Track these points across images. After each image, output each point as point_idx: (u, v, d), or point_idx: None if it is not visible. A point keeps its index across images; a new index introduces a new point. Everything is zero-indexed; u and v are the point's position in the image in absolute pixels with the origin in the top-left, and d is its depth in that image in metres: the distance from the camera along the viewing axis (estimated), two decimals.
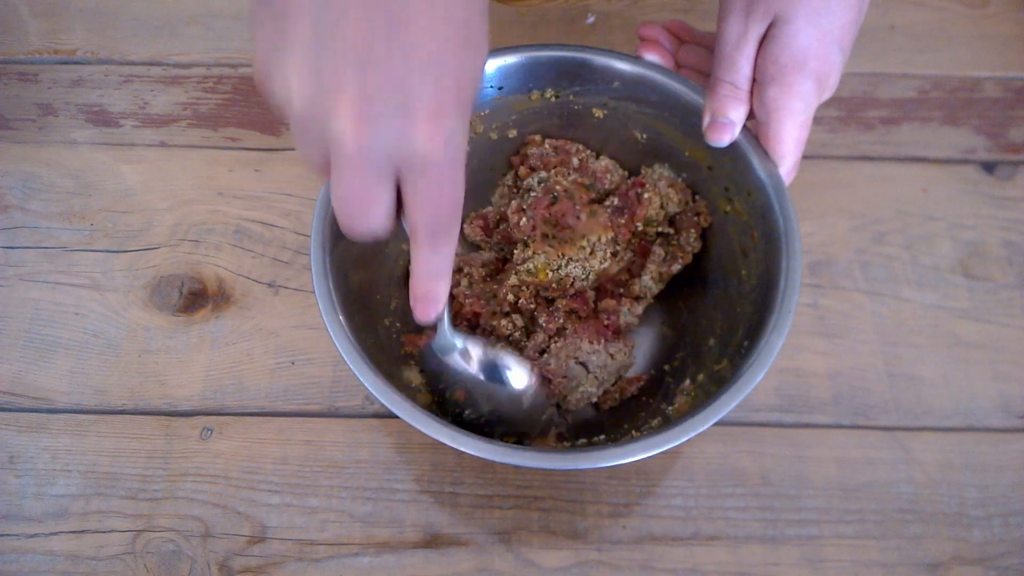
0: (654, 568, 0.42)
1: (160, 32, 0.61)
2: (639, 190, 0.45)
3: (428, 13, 0.24)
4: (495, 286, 0.46)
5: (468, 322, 0.46)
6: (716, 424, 0.35)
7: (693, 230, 0.46)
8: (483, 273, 0.47)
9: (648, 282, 0.46)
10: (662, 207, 0.46)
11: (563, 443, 0.44)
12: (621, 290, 0.46)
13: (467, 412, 0.40)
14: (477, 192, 0.50)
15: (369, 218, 0.27)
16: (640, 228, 0.46)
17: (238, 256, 0.52)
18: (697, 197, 0.46)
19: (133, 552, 0.42)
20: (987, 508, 0.44)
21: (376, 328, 0.43)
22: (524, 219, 0.44)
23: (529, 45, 0.45)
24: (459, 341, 0.39)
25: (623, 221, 0.45)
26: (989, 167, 0.55)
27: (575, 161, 0.47)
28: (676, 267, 0.46)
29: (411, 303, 0.32)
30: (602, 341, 0.44)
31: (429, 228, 0.28)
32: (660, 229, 0.47)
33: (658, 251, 0.46)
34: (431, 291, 0.31)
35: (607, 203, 0.46)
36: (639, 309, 0.46)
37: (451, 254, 0.30)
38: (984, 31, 0.61)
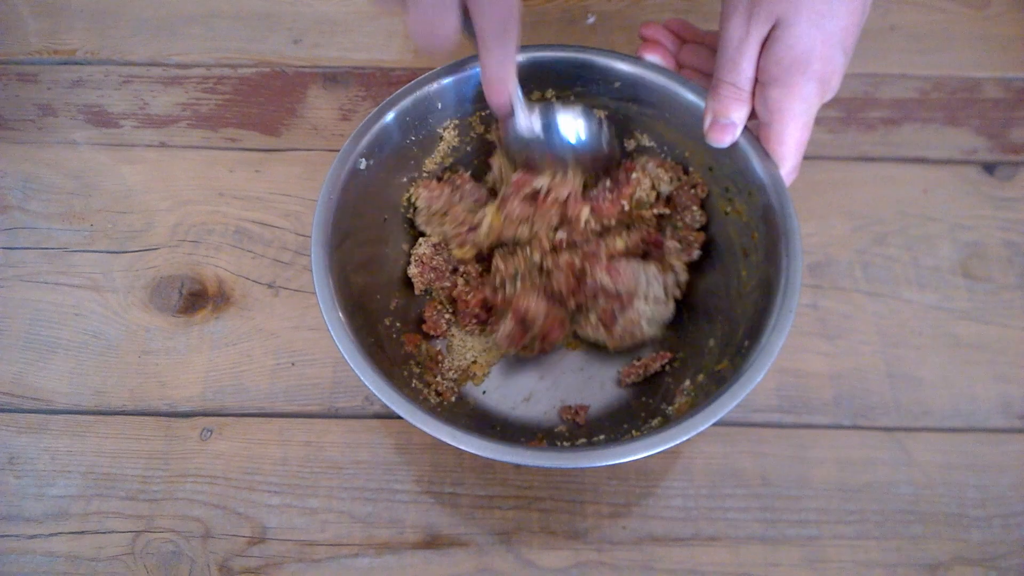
0: (654, 568, 0.42)
1: (160, 32, 0.61)
2: (629, 173, 0.46)
3: None
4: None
5: (476, 318, 0.47)
6: (716, 424, 0.35)
7: (694, 206, 0.46)
8: (479, 269, 0.48)
9: (676, 275, 0.46)
10: (653, 187, 0.46)
11: (563, 443, 0.44)
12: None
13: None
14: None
15: (443, 30, 0.34)
16: (631, 209, 0.46)
17: (238, 257, 0.52)
18: (691, 170, 0.46)
19: (133, 553, 0.42)
20: (987, 508, 0.44)
21: (376, 328, 0.43)
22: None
23: (530, 45, 0.45)
24: (535, 117, 0.43)
25: (611, 197, 0.45)
26: (990, 168, 0.55)
27: (553, 217, 0.45)
28: (696, 253, 0.46)
29: (485, 93, 0.39)
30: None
31: (494, 28, 0.35)
32: (657, 211, 0.46)
33: (671, 244, 0.46)
34: (501, 75, 0.38)
35: (599, 185, 0.46)
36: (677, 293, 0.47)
37: (515, 49, 0.37)
38: (985, 32, 0.61)
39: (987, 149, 0.56)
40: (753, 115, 0.41)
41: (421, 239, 0.48)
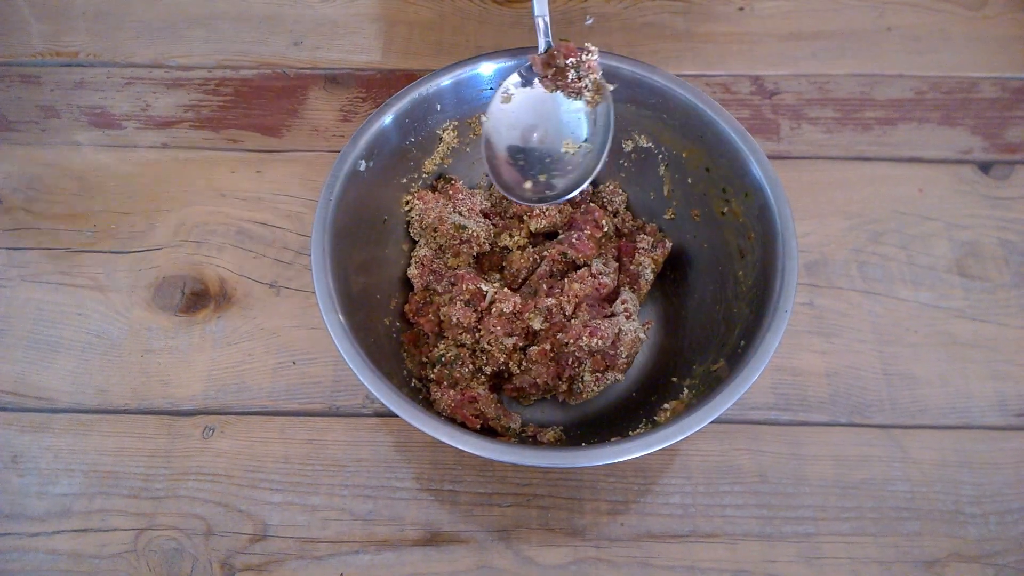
0: (652, 565, 0.43)
1: (162, 34, 0.61)
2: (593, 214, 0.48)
3: None
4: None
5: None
6: (714, 422, 0.36)
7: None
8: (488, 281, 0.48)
9: (648, 274, 0.47)
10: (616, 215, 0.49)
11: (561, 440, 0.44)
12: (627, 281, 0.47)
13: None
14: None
15: None
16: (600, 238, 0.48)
17: (239, 257, 0.52)
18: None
19: (135, 550, 0.43)
20: (983, 506, 0.44)
21: (376, 327, 0.44)
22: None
23: (528, 47, 0.45)
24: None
25: (587, 235, 0.47)
26: (985, 167, 0.56)
27: (499, 331, 0.45)
28: (668, 244, 0.47)
29: None
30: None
31: None
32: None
33: (643, 241, 0.47)
34: None
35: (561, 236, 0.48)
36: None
37: None
38: (981, 32, 0.62)
39: (983, 149, 0.56)
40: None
41: (422, 241, 0.48)
